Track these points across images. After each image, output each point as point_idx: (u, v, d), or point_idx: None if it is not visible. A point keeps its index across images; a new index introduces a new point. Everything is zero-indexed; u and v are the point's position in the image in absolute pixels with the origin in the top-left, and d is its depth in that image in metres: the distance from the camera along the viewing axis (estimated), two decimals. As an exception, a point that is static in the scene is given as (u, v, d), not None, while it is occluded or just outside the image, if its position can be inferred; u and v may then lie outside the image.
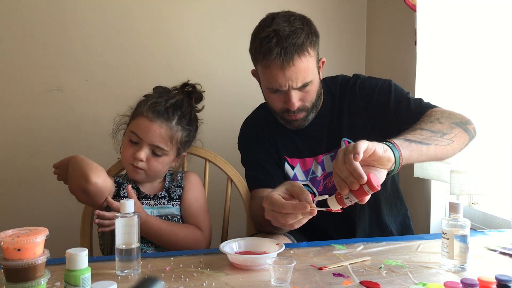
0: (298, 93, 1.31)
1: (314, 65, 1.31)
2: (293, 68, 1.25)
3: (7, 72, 1.90)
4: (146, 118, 1.31)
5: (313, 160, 1.43)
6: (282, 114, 1.38)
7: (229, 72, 2.07)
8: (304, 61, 1.27)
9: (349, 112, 1.41)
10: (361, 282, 0.94)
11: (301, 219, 1.01)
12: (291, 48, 1.24)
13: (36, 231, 0.86)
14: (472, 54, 1.46)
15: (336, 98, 1.44)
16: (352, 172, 0.91)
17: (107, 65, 1.96)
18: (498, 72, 1.39)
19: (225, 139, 2.03)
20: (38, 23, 1.91)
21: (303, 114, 1.36)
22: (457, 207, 1.01)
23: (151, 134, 1.30)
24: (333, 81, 1.47)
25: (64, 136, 1.96)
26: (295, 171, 1.44)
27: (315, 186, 1.42)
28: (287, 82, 1.27)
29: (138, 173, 1.34)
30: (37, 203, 1.95)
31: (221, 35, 2.06)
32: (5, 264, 0.82)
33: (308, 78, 1.29)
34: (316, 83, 1.34)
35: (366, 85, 1.41)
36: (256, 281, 0.96)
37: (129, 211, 1.01)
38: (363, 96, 1.40)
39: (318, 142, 1.43)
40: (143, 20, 1.99)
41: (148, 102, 1.34)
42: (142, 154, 1.30)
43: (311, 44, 1.29)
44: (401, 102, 1.34)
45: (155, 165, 1.33)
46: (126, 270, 0.99)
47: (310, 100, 1.34)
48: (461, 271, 0.99)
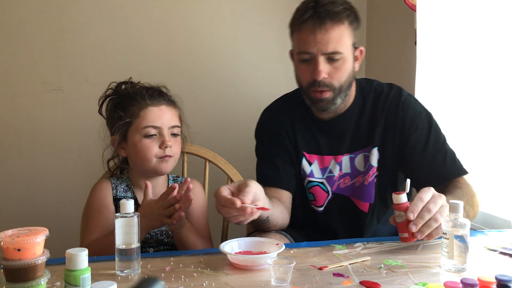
0: (327, 65, 1.29)
1: (348, 42, 1.30)
2: (324, 33, 1.25)
3: (7, 72, 1.90)
4: (153, 106, 1.32)
5: (332, 159, 1.41)
6: (308, 90, 1.34)
7: (229, 72, 2.07)
8: (337, 29, 1.26)
9: (385, 125, 1.38)
10: (361, 282, 0.94)
11: (236, 216, 1.05)
12: (325, 13, 1.26)
13: (36, 231, 0.86)
14: (472, 54, 1.46)
15: (368, 102, 1.41)
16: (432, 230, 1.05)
17: (107, 65, 1.96)
18: (498, 72, 1.39)
19: (225, 139, 2.03)
20: (38, 23, 1.91)
21: (329, 93, 1.32)
22: (457, 207, 1.01)
23: (167, 118, 1.32)
24: (367, 84, 1.44)
25: (64, 136, 1.96)
26: (312, 168, 1.42)
27: (330, 185, 1.41)
28: (317, 46, 1.26)
29: (168, 162, 1.32)
30: (37, 203, 1.95)
31: (221, 35, 2.06)
32: (5, 264, 0.82)
33: (338, 48, 1.27)
34: (348, 63, 1.31)
35: (411, 107, 1.38)
36: (256, 281, 0.96)
37: (129, 211, 1.01)
38: (403, 119, 1.37)
39: (340, 141, 1.41)
40: (143, 20, 1.99)
41: (143, 93, 1.33)
42: (169, 140, 1.31)
43: (348, 19, 1.28)
44: (438, 152, 1.34)
45: (176, 147, 1.34)
46: (126, 270, 0.99)
47: (338, 79, 1.31)
48: (461, 271, 0.99)
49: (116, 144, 1.35)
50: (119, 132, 1.33)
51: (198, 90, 2.04)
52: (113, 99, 1.39)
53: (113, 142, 1.36)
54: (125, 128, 1.33)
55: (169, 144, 1.30)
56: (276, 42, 2.08)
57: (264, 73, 2.09)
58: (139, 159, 1.32)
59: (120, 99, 1.37)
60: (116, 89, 1.40)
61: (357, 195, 1.40)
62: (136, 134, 1.31)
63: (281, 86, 2.10)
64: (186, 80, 2.02)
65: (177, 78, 1.98)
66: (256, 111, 2.09)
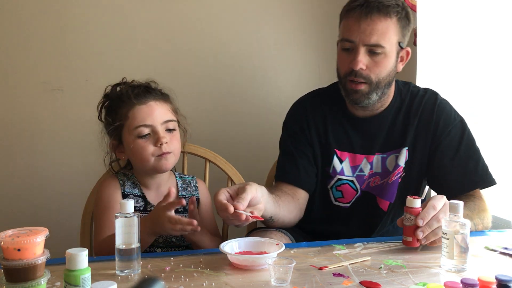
0: (367, 57, 1.28)
1: (394, 38, 1.29)
2: (369, 22, 1.25)
3: (7, 72, 1.90)
4: (140, 105, 1.28)
5: (363, 158, 1.40)
6: (345, 80, 1.33)
7: (229, 73, 2.07)
8: (383, 22, 1.26)
9: (418, 127, 1.38)
10: (361, 282, 0.94)
11: (232, 220, 1.08)
12: (375, 4, 1.26)
13: (36, 231, 0.86)
14: (472, 54, 1.46)
15: (404, 103, 1.41)
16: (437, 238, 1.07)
17: (107, 65, 1.96)
18: (498, 72, 1.39)
19: (225, 139, 2.03)
20: (38, 23, 1.91)
21: (365, 86, 1.31)
22: (457, 207, 1.01)
23: (157, 114, 1.28)
24: (404, 86, 1.44)
25: (64, 136, 1.96)
26: (343, 166, 1.41)
27: (359, 183, 1.41)
28: (359, 35, 1.26)
29: (168, 160, 1.29)
30: (37, 203, 1.95)
31: (222, 35, 2.06)
32: (5, 264, 0.82)
33: (381, 41, 1.27)
34: (389, 59, 1.30)
35: (445, 112, 1.38)
36: (256, 281, 0.95)
37: (129, 211, 1.01)
38: (437, 123, 1.37)
39: (373, 140, 1.40)
40: (143, 20, 1.99)
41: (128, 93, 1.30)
42: (164, 136, 1.27)
43: (396, 15, 1.28)
44: (469, 159, 1.34)
45: (174, 142, 1.30)
46: (126, 270, 0.99)
47: (377, 73, 1.30)
48: (461, 271, 0.99)
49: (114, 149, 1.34)
50: (113, 137, 1.32)
51: (199, 90, 2.03)
52: (105, 104, 1.37)
53: (112, 147, 1.35)
54: (118, 132, 1.31)
55: (164, 140, 1.26)
56: (277, 42, 2.09)
57: (264, 73, 2.09)
58: (137, 160, 1.30)
59: (110, 103, 1.35)
60: (107, 92, 1.37)
61: (381, 193, 1.41)
62: (129, 136, 1.29)
63: (281, 86, 2.11)
64: (186, 80, 2.02)
65: (178, 78, 1.98)
66: (256, 111, 2.10)
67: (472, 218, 1.20)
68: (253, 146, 2.06)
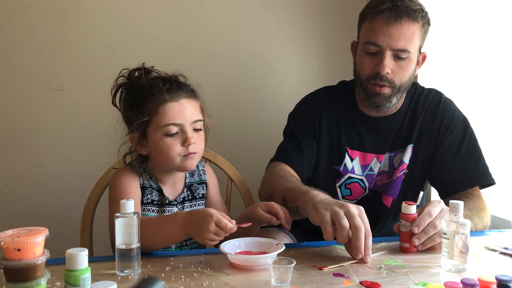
0: (392, 62, 1.28)
1: (417, 43, 1.29)
2: (398, 27, 1.24)
3: (7, 72, 1.90)
4: (172, 101, 1.22)
5: (374, 157, 1.42)
6: (367, 83, 1.33)
7: (229, 72, 2.07)
8: (412, 26, 1.25)
9: (422, 125, 1.40)
10: (361, 282, 0.94)
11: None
12: (404, 8, 1.24)
13: (36, 231, 0.86)
14: (472, 54, 1.46)
15: (413, 101, 1.43)
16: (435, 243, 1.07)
17: (107, 65, 1.96)
18: (498, 72, 1.39)
19: (225, 139, 2.03)
20: (38, 23, 1.91)
21: (388, 90, 1.31)
22: (457, 207, 1.01)
23: (188, 112, 1.23)
24: (412, 87, 1.44)
25: (64, 136, 1.96)
26: (353, 164, 1.42)
27: (368, 182, 1.42)
28: (387, 40, 1.25)
29: (193, 160, 1.24)
30: (37, 203, 1.95)
31: (221, 35, 2.06)
32: (5, 264, 0.82)
33: (408, 46, 1.26)
34: (412, 64, 1.30)
35: (449, 111, 1.39)
36: (256, 281, 0.95)
37: (129, 211, 1.01)
38: (440, 121, 1.38)
39: (384, 139, 1.42)
40: (143, 20, 1.99)
41: (159, 86, 1.23)
42: (192, 137, 1.22)
43: (422, 20, 1.27)
44: (471, 157, 1.35)
45: (200, 143, 1.26)
46: (126, 270, 0.99)
47: (401, 77, 1.30)
48: (461, 271, 0.99)
49: (136, 142, 1.26)
50: (138, 131, 1.24)
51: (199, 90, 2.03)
52: (128, 93, 1.28)
53: (132, 140, 1.27)
54: (144, 126, 1.24)
55: (192, 141, 1.21)
56: (277, 42, 2.08)
57: (264, 73, 2.09)
58: (161, 158, 1.24)
59: (135, 94, 1.26)
60: (130, 78, 1.29)
61: (386, 190, 1.42)
62: (156, 132, 1.22)
63: (281, 86, 2.11)
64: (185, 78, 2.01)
65: (177, 78, 1.98)
66: (256, 111, 2.09)
67: (472, 218, 1.20)
68: (253, 146, 2.06)
